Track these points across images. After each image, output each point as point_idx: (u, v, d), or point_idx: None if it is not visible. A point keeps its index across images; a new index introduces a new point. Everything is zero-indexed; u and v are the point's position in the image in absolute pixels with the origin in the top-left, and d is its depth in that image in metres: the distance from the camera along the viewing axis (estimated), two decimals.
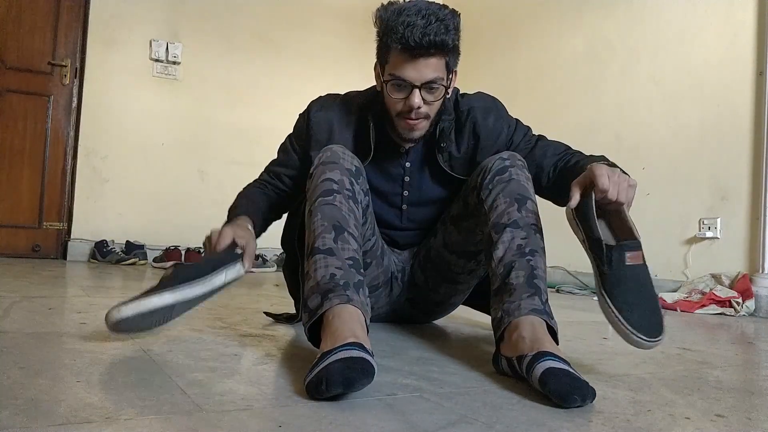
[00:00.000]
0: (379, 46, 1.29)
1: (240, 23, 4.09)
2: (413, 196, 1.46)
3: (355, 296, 1.06)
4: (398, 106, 1.29)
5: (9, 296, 1.81)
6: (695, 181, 2.93)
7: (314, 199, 1.18)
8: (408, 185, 1.45)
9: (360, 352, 0.90)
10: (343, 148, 1.28)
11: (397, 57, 1.24)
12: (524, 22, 4.01)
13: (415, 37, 1.18)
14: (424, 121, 1.31)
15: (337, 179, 1.20)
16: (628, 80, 3.30)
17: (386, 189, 1.45)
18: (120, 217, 3.75)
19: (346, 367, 0.86)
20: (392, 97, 1.29)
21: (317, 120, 1.43)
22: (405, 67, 1.23)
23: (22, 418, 0.70)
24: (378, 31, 1.27)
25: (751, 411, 0.96)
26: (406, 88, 1.26)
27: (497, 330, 1.12)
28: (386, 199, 1.46)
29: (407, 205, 1.47)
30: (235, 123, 4.04)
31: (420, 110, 1.28)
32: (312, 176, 1.23)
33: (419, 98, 1.26)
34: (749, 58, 2.76)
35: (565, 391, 0.89)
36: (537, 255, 1.16)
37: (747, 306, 2.55)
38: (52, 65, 3.65)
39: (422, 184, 1.45)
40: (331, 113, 1.43)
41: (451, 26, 1.22)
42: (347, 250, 1.12)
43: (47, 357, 1.04)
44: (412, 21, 1.18)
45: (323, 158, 1.24)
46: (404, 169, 1.44)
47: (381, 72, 1.32)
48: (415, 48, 1.20)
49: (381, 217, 1.47)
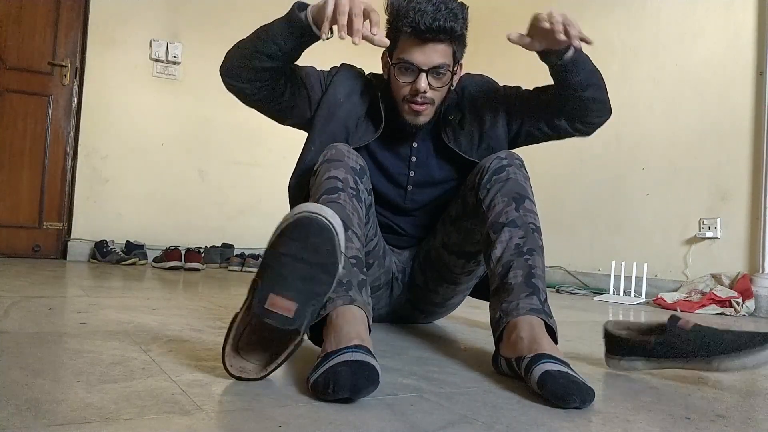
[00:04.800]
0: (388, 31, 1.33)
1: (240, 23, 4.07)
2: (419, 176, 1.46)
3: (358, 296, 1.06)
4: (404, 90, 1.32)
5: (9, 296, 1.81)
6: (695, 181, 2.93)
7: (318, 196, 1.18)
8: (414, 165, 1.46)
9: (365, 356, 0.90)
10: (348, 147, 1.28)
11: (406, 41, 1.29)
12: (524, 22, 4.00)
13: (425, 21, 1.24)
14: (429, 107, 1.34)
15: (342, 177, 1.20)
16: (628, 80, 3.30)
17: (393, 168, 1.46)
18: (120, 217, 3.75)
19: (353, 373, 0.85)
20: (399, 80, 1.32)
21: (342, 78, 1.46)
22: (413, 51, 1.28)
23: (22, 418, 0.70)
24: (388, 17, 1.32)
25: (751, 411, 0.96)
26: (413, 72, 1.30)
27: (496, 330, 1.12)
28: (392, 179, 1.46)
29: (412, 186, 1.47)
30: (235, 123, 4.03)
31: (426, 95, 1.31)
32: (316, 173, 1.23)
33: (425, 82, 1.29)
34: (749, 58, 2.76)
35: (563, 393, 0.89)
36: (535, 254, 1.16)
37: (747, 306, 2.55)
38: (52, 65, 3.65)
39: (429, 164, 1.46)
40: (356, 81, 1.47)
41: (459, 15, 1.27)
42: (351, 249, 1.12)
43: (47, 357, 1.04)
44: (423, 7, 1.25)
45: (328, 156, 1.24)
46: (411, 149, 1.45)
47: (389, 57, 1.35)
48: (425, 32, 1.25)
49: (385, 197, 1.47)
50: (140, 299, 1.97)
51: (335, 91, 1.43)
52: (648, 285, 2.95)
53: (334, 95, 1.42)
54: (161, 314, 1.64)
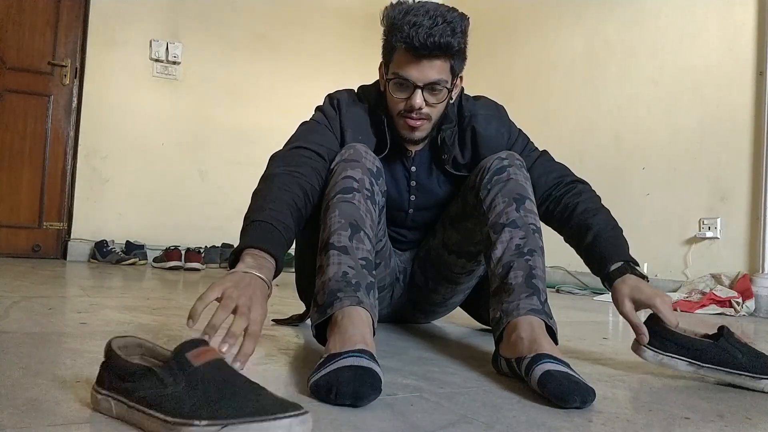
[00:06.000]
0: (384, 44, 1.28)
1: (240, 23, 4.09)
2: (420, 200, 1.44)
3: (365, 298, 1.05)
4: (400, 105, 1.28)
5: (9, 296, 1.81)
6: (695, 181, 2.93)
7: (333, 195, 1.17)
8: (415, 189, 1.43)
9: (369, 362, 0.89)
10: (366, 147, 1.26)
11: (401, 56, 1.23)
12: (524, 22, 4.01)
13: (420, 37, 1.17)
14: (425, 122, 1.30)
15: (358, 178, 1.18)
16: (628, 80, 3.30)
17: (393, 192, 1.42)
18: (120, 217, 3.75)
19: (356, 379, 0.85)
20: (394, 96, 1.27)
21: (350, 116, 1.35)
22: (408, 66, 1.22)
23: (22, 418, 0.70)
24: (384, 29, 1.26)
25: (751, 411, 0.96)
26: (408, 87, 1.24)
27: (496, 330, 1.12)
28: (393, 203, 1.44)
29: (413, 209, 1.46)
30: (235, 123, 4.04)
31: (421, 111, 1.26)
32: (333, 172, 1.21)
33: (421, 99, 1.24)
34: (749, 58, 2.76)
35: (564, 392, 0.89)
36: (536, 255, 1.16)
37: (747, 306, 2.55)
38: (52, 65, 3.65)
39: (429, 188, 1.43)
40: (361, 112, 1.37)
41: (458, 29, 1.20)
42: (361, 250, 1.11)
43: (47, 357, 1.04)
44: (419, 21, 1.17)
45: (346, 155, 1.22)
46: (410, 173, 1.42)
47: (385, 71, 1.30)
48: (420, 48, 1.18)
49: (387, 218, 1.45)
50: (140, 299, 1.96)
51: (350, 128, 1.34)
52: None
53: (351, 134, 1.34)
54: (161, 314, 1.64)
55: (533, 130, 1.49)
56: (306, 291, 1.49)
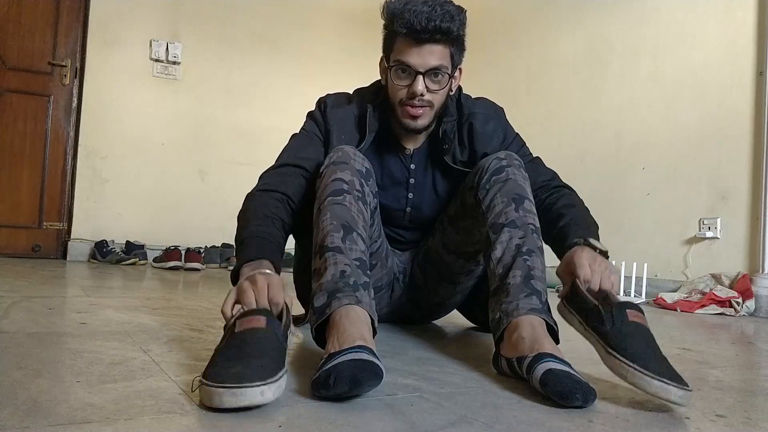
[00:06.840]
0: (385, 35, 1.32)
1: (240, 23, 4.09)
2: (417, 198, 1.45)
3: (363, 297, 1.06)
4: (401, 93, 1.30)
5: (9, 296, 1.81)
6: (695, 181, 2.93)
7: (324, 198, 1.18)
8: (413, 188, 1.44)
9: (369, 356, 0.89)
10: (355, 149, 1.27)
11: (402, 43, 1.27)
12: (524, 22, 4.02)
13: (420, 21, 1.22)
14: (427, 110, 1.31)
15: (348, 180, 1.19)
16: (628, 80, 3.30)
17: (390, 191, 1.44)
18: (120, 217, 3.75)
19: (355, 367, 0.86)
20: (396, 83, 1.30)
21: (334, 116, 1.39)
22: (410, 52, 1.26)
23: (22, 418, 0.70)
24: (385, 21, 1.30)
25: (751, 411, 0.96)
26: (410, 74, 1.27)
27: (496, 331, 1.12)
28: (390, 201, 1.45)
29: (411, 208, 1.47)
30: (235, 123, 4.04)
31: (423, 98, 1.28)
32: (322, 175, 1.22)
33: (422, 85, 1.27)
34: (749, 58, 2.76)
35: (566, 391, 0.89)
36: (534, 255, 1.16)
37: (747, 306, 2.55)
38: (52, 65, 3.65)
39: (428, 185, 1.44)
40: (347, 110, 1.40)
41: (456, 16, 1.25)
42: (355, 251, 1.12)
43: (47, 357, 1.04)
44: (418, 8, 1.23)
45: (334, 158, 1.23)
46: (409, 172, 1.44)
47: (386, 61, 1.33)
48: (420, 32, 1.23)
49: (386, 216, 1.46)
50: (140, 299, 1.96)
51: (336, 133, 1.38)
52: (648, 285, 2.95)
53: (337, 138, 1.37)
54: (161, 314, 1.64)
55: (534, 130, 1.50)
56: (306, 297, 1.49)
